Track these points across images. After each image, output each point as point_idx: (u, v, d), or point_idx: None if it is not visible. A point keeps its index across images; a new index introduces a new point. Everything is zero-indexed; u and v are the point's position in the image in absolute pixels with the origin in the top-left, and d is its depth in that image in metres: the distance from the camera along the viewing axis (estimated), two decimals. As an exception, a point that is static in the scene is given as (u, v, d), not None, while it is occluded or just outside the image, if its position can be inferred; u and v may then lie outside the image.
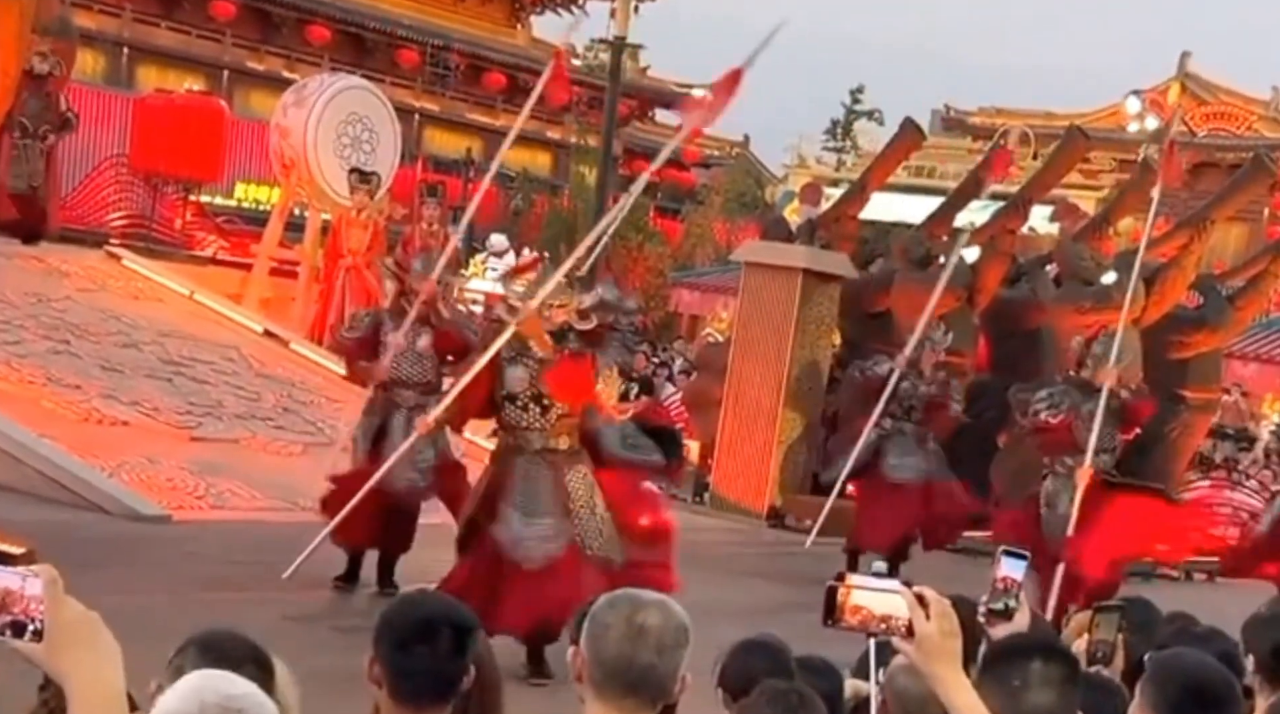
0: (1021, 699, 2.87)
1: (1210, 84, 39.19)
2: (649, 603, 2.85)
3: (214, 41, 37.91)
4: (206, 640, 2.94)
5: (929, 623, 2.59)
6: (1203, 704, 3.13)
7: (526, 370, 8.78)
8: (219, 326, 16.90)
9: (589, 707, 2.84)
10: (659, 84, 44.76)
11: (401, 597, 3.28)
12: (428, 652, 3.09)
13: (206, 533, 11.67)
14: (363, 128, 19.72)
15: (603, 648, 2.78)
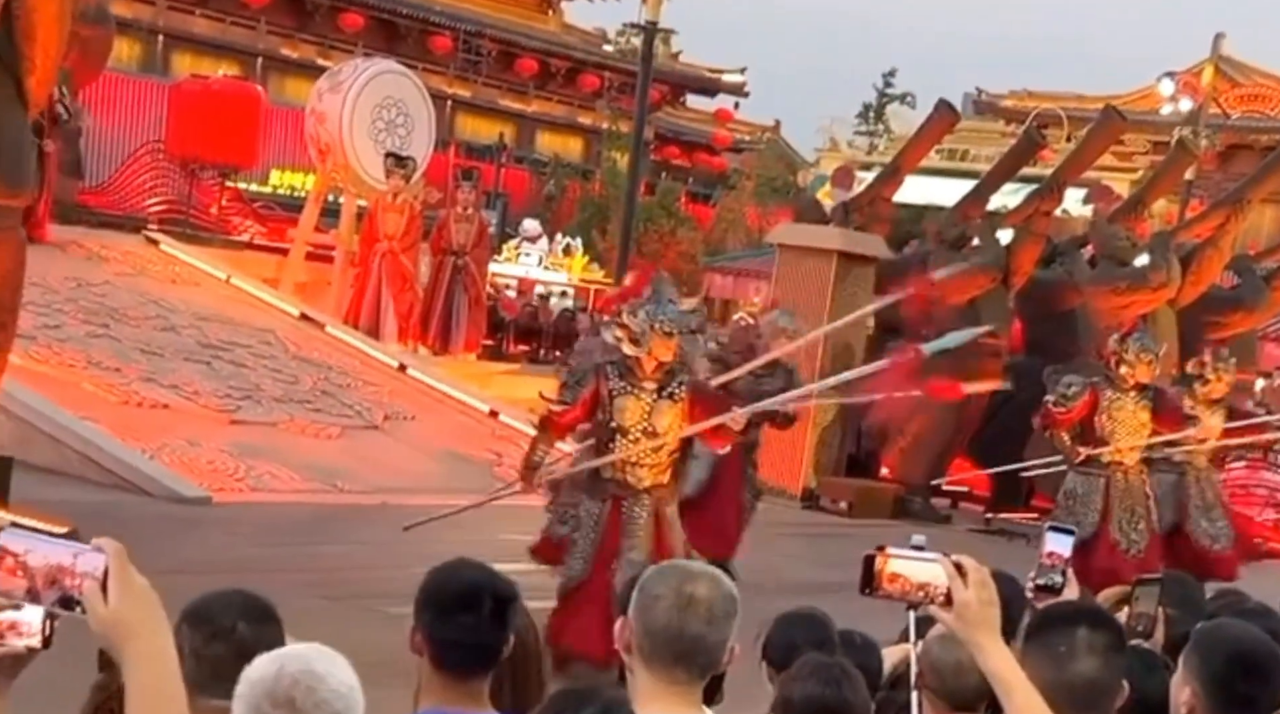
0: (1067, 666, 2.89)
1: (1244, 65, 38.90)
2: (698, 573, 2.86)
3: (248, 29, 38.02)
4: (195, 612, 2.94)
5: (968, 591, 2.60)
6: (1246, 675, 3.10)
7: (639, 402, 8.17)
8: (256, 310, 17.04)
9: (638, 677, 2.86)
10: (691, 69, 44.71)
11: (442, 566, 3.24)
12: (470, 621, 3.10)
13: (246, 514, 11.80)
14: (397, 112, 19.80)
15: (652, 618, 2.79)
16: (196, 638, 2.85)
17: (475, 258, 19.21)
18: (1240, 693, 3.07)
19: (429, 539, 10.98)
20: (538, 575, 9.36)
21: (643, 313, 8.05)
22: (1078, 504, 11.21)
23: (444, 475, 14.21)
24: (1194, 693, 3.10)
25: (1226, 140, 34.30)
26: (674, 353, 8.12)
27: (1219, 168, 31.94)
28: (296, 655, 2.47)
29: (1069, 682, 2.86)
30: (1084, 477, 11.21)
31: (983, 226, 16.39)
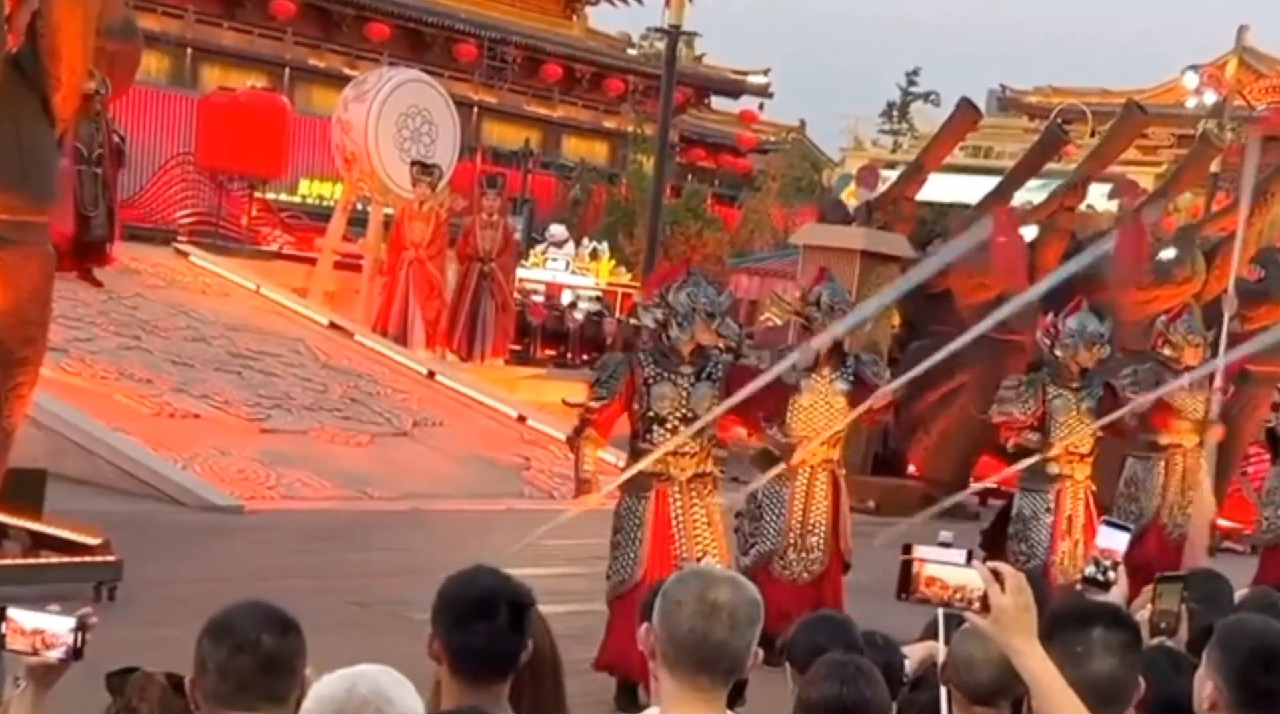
0: (1084, 665, 2.89)
1: (1268, 57, 38.73)
2: (720, 579, 2.87)
3: (275, 40, 38.26)
4: (216, 625, 2.91)
5: (1005, 596, 2.61)
6: (1268, 669, 3.09)
7: (676, 388, 7.99)
8: (285, 320, 17.19)
9: (662, 684, 2.87)
10: (715, 71, 44.76)
11: (459, 573, 3.25)
12: (487, 628, 3.11)
13: (277, 522, 11.92)
14: (422, 120, 19.93)
15: (675, 625, 2.79)
16: (220, 652, 2.85)
17: (501, 264, 19.32)
18: (1262, 687, 3.07)
19: (459, 545, 11.08)
20: (559, 580, 9.46)
21: (685, 295, 7.96)
22: (1139, 490, 11.21)
23: (473, 480, 14.32)
24: (1216, 687, 3.10)
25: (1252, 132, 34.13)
26: (714, 335, 8.03)
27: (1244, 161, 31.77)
28: (367, 676, 2.50)
29: (1086, 681, 2.86)
30: (1143, 462, 11.22)
31: (1007, 224, 16.37)
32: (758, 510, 9.17)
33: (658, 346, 8.04)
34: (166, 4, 35.79)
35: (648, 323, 8.15)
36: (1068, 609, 3.14)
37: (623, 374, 8.03)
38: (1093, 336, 10.02)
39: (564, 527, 8.48)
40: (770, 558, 9.14)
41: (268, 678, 2.76)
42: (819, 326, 9.04)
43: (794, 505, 9.16)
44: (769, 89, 44.92)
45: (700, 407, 7.94)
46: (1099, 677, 2.90)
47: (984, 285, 15.82)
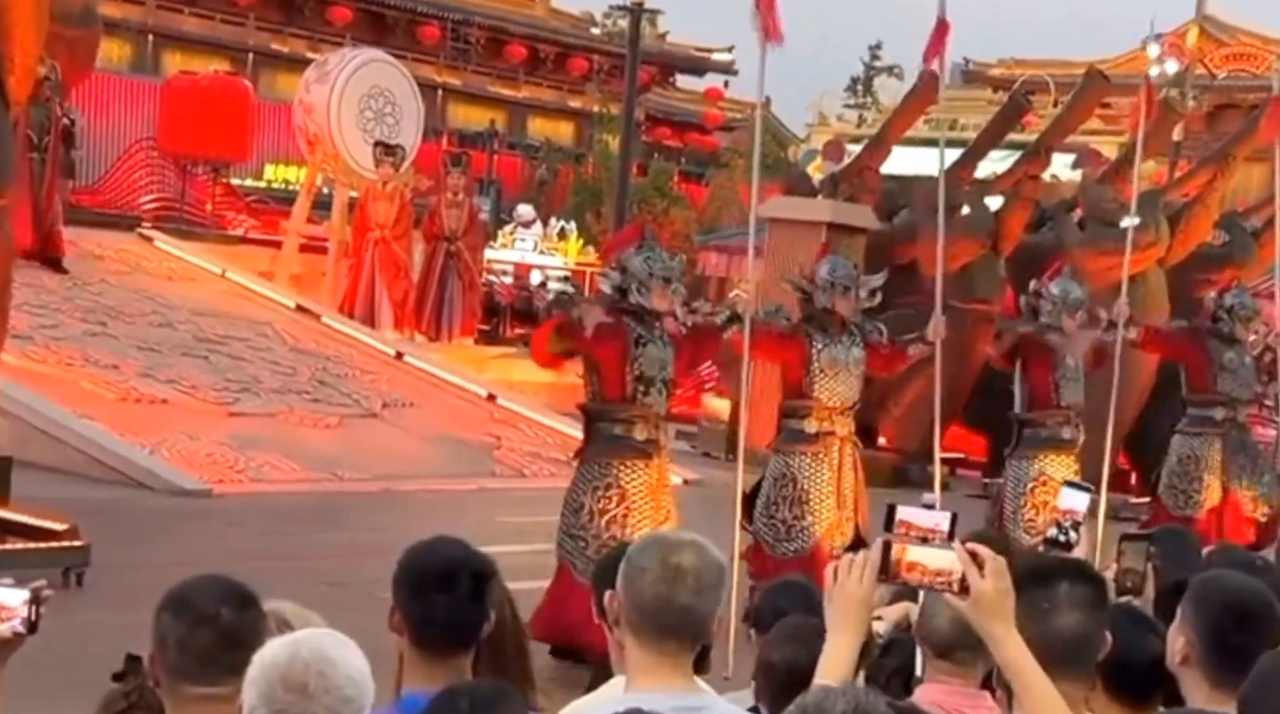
0: (1050, 621, 2.90)
1: (1229, 26, 38.92)
2: (684, 544, 2.86)
3: (237, 25, 38.10)
4: (175, 600, 2.87)
5: (984, 581, 2.61)
6: (1240, 626, 3.12)
7: (659, 350, 8.08)
8: (252, 304, 17.14)
9: (628, 650, 2.87)
10: (679, 49, 44.72)
11: (419, 545, 3.22)
12: (447, 599, 3.07)
13: (246, 505, 11.90)
14: (385, 101, 19.87)
15: (640, 590, 2.79)
16: (180, 627, 2.81)
17: (467, 243, 19.31)
18: (1234, 644, 3.09)
19: (428, 523, 11.08)
20: (529, 556, 9.47)
21: (641, 259, 8.03)
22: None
23: (444, 460, 14.32)
24: (1189, 642, 3.13)
25: (1214, 100, 34.28)
26: (670, 300, 8.06)
27: (1207, 128, 31.93)
28: (311, 641, 2.49)
29: (1052, 636, 2.88)
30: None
31: (971, 194, 16.42)
32: (801, 493, 8.94)
33: (634, 309, 8.04)
34: (127, -10, 35.61)
35: (605, 288, 8.20)
36: (1033, 566, 3.14)
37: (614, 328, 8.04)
38: (1076, 302, 10.10)
39: (537, 504, 8.47)
40: (824, 538, 8.93)
41: (228, 651, 2.72)
42: (819, 302, 9.07)
43: (837, 481, 9.06)
44: (733, 66, 44.86)
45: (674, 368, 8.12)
46: (1065, 632, 2.91)
47: (949, 255, 15.88)
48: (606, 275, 8.35)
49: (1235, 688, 2.92)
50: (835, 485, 9.04)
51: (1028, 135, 20.85)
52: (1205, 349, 11.05)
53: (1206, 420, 11.09)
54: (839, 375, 9.06)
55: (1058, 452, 9.98)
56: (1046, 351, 10.09)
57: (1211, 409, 11.05)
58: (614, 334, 8.05)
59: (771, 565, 8.57)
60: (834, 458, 9.06)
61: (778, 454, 9.12)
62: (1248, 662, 2.94)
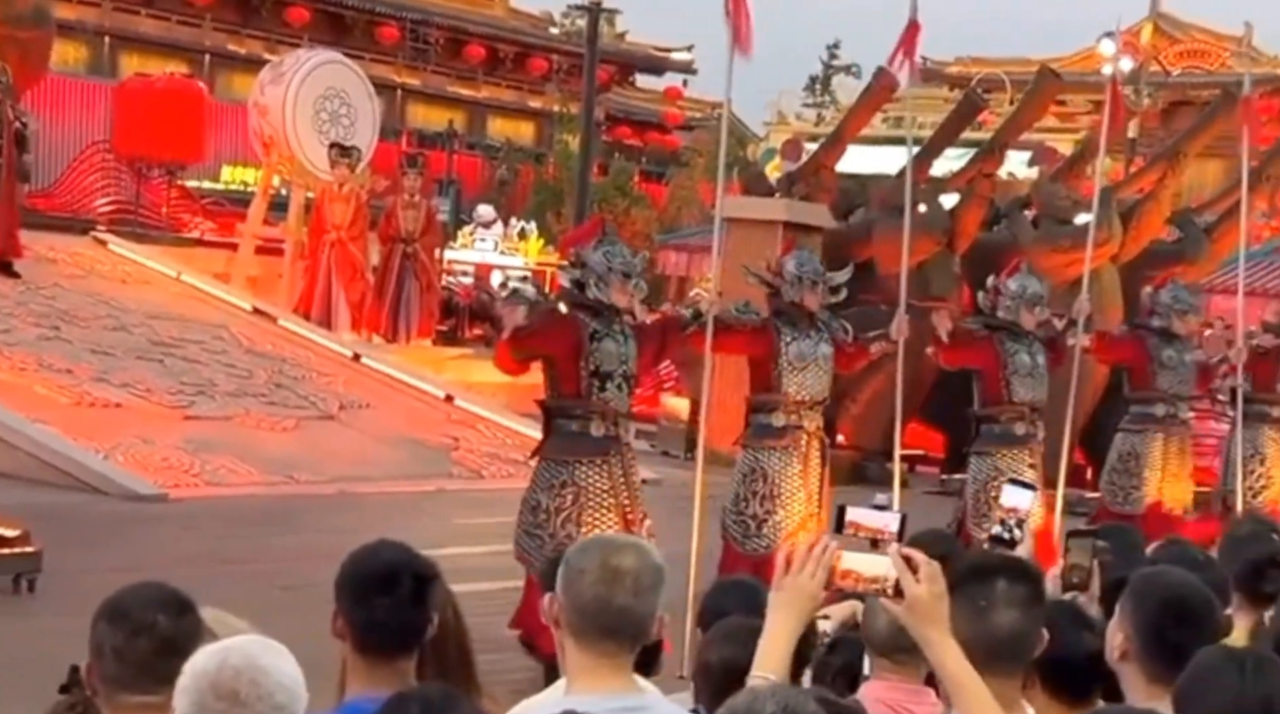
0: (987, 618, 2.92)
1: (1182, 23, 39.24)
2: (624, 545, 2.88)
3: (194, 27, 37.89)
4: (112, 608, 2.87)
5: (918, 586, 2.63)
6: (1178, 622, 3.17)
7: (617, 345, 8.02)
8: (207, 306, 17.07)
9: (567, 652, 2.88)
10: (638, 48, 44.73)
11: (360, 549, 3.20)
12: (389, 602, 3.07)
13: (202, 509, 11.84)
14: (340, 102, 19.82)
15: (579, 592, 2.80)
16: (117, 636, 2.81)
17: (424, 244, 19.30)
18: (1171, 639, 3.13)
19: (385, 526, 11.06)
20: (487, 557, 9.46)
21: (600, 254, 7.97)
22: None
23: (401, 462, 14.29)
24: (1127, 637, 3.18)
25: (1168, 97, 34.53)
26: (629, 295, 8.01)
27: (1162, 125, 32.17)
28: (240, 648, 2.49)
29: (989, 633, 2.90)
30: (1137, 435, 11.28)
31: (927, 192, 16.48)
32: (772, 488, 8.94)
33: (592, 304, 7.98)
34: (82, -9, 35.38)
35: (564, 283, 8.13)
36: (971, 563, 3.17)
37: (563, 321, 8.02)
38: (1034, 297, 10.14)
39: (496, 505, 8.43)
40: (795, 535, 8.85)
41: (166, 659, 2.70)
42: (787, 296, 9.09)
43: (805, 476, 9.06)
44: (693, 65, 44.91)
45: (635, 363, 8.06)
46: (1002, 629, 2.93)
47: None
48: (565, 270, 8.28)
49: (1172, 683, 2.93)
50: (804, 480, 9.04)
51: (984, 133, 20.93)
52: (1146, 347, 11.12)
53: (1147, 417, 11.14)
54: (807, 369, 9.08)
55: (1012, 447, 10.00)
56: (984, 347, 10.10)
57: (1152, 406, 11.12)
58: (564, 328, 8.00)
59: (740, 562, 8.55)
60: (803, 452, 9.06)
61: (746, 449, 9.10)
62: (1185, 657, 2.95)
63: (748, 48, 8.46)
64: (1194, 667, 2.87)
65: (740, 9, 8.37)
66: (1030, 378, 10.06)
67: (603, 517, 7.91)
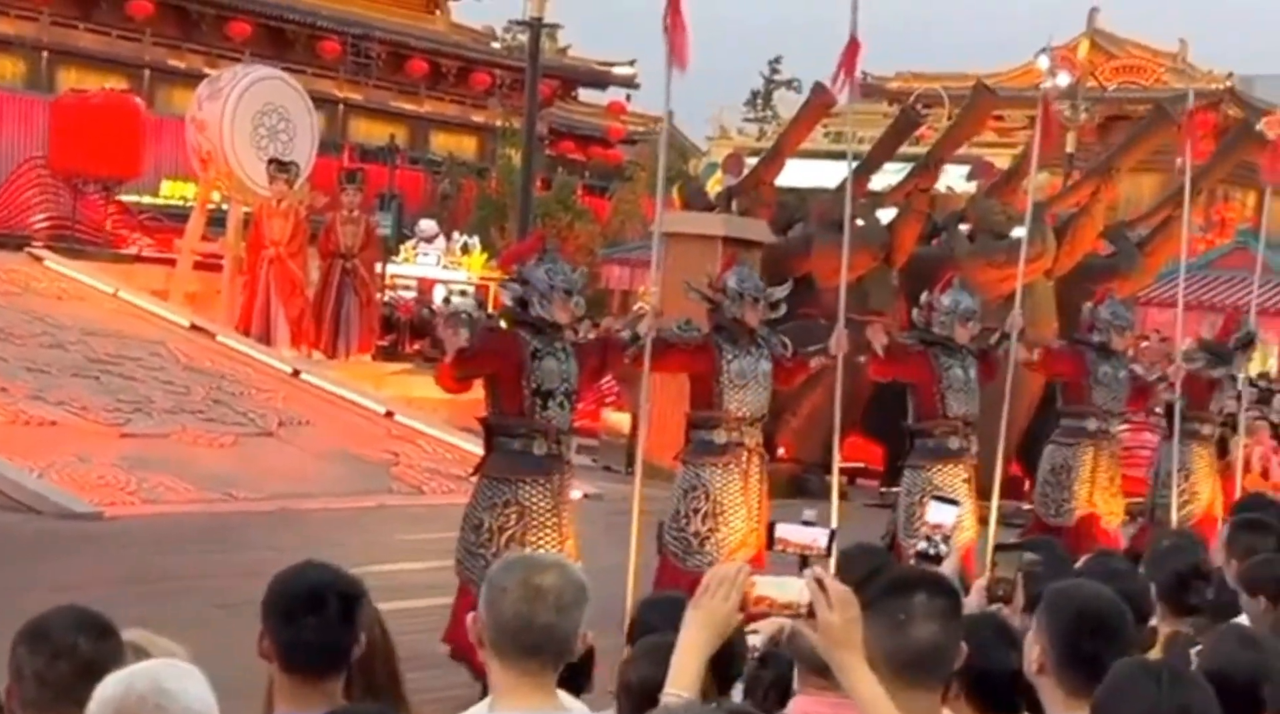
0: (906, 632, 2.95)
1: (1118, 39, 39.73)
2: (546, 564, 2.91)
3: (134, 41, 37.63)
4: (32, 633, 2.87)
5: (831, 611, 2.66)
6: (1092, 633, 3.22)
7: (559, 363, 8.00)
8: (145, 323, 16.95)
9: (491, 671, 2.88)
10: (581, 63, 44.79)
11: (287, 569, 3.21)
12: (315, 622, 3.07)
13: (139, 527, 11.74)
14: (279, 118, 19.75)
15: (501, 610, 2.81)
16: (37, 660, 2.80)
17: (364, 260, 19.26)
18: (1086, 651, 3.18)
19: (325, 542, 11.03)
20: (428, 573, 9.45)
21: (543, 271, 7.95)
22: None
23: (341, 478, 14.23)
24: (1043, 650, 3.23)
25: (1105, 112, 34.93)
26: (571, 312, 8.01)
27: (1099, 139, 32.53)
28: (147, 672, 2.47)
29: (908, 647, 2.93)
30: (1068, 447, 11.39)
31: (864, 206, 16.59)
32: (714, 505, 8.94)
33: (533, 322, 7.95)
34: (20, 6, 35.10)
35: (507, 300, 8.10)
36: (890, 577, 3.19)
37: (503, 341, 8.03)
38: (967, 312, 10.22)
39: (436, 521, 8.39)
40: (736, 551, 8.90)
41: (87, 683, 2.66)
42: (728, 312, 9.11)
43: (745, 492, 9.06)
44: (636, 80, 45.00)
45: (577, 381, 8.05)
46: (920, 643, 2.96)
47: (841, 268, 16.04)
48: (507, 287, 8.26)
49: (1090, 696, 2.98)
50: (744, 497, 9.05)
51: (924, 148, 21.10)
52: (1085, 362, 11.25)
53: (1079, 431, 11.26)
54: (748, 386, 9.09)
55: (945, 462, 10.07)
56: (919, 361, 10.19)
57: (1084, 420, 11.24)
58: (505, 347, 7.98)
59: (680, 579, 8.53)
60: (744, 469, 9.07)
61: (687, 466, 9.09)
62: (1101, 669, 3.00)
63: (684, 62, 8.49)
64: (1111, 679, 2.91)
65: (678, 24, 8.40)
66: (964, 393, 10.15)
67: (546, 536, 7.89)
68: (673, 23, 8.37)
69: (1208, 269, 26.13)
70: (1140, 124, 17.84)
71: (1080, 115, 25.65)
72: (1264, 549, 5.16)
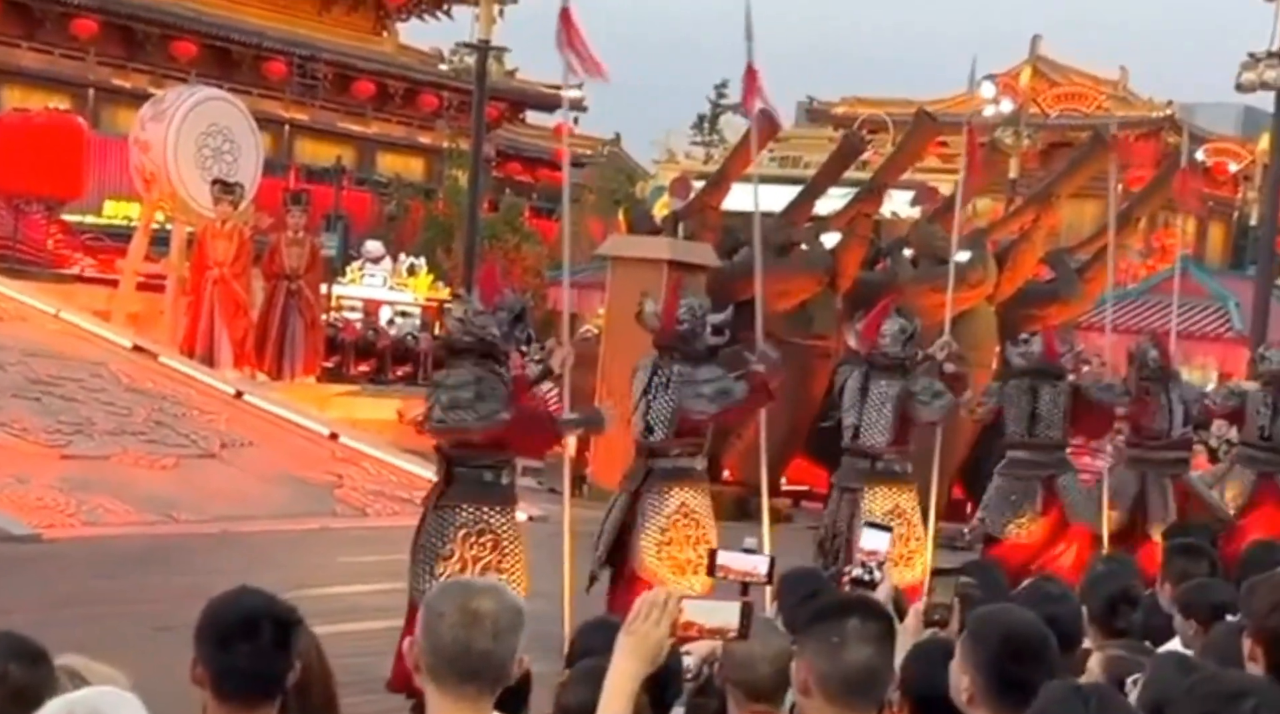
0: (840, 655, 3.00)
1: (1060, 66, 40.20)
2: (482, 589, 2.90)
3: (78, 60, 37.36)
4: None
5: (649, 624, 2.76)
6: (1017, 658, 3.26)
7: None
8: (86, 344, 16.81)
9: (428, 697, 2.88)
10: (528, 86, 44.80)
11: (221, 595, 3.18)
12: (249, 649, 3.04)
13: (78, 549, 11.65)
14: (223, 139, 19.68)
15: (438, 636, 2.81)
16: None
17: (309, 281, 19.21)
18: (1013, 676, 3.22)
19: (268, 564, 10.98)
20: (372, 596, 9.43)
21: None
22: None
23: (284, 500, 14.17)
24: (971, 679, 3.26)
25: (1047, 139, 35.33)
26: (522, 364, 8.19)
27: (1041, 166, 32.89)
28: (85, 701, 2.46)
29: (843, 670, 2.98)
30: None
31: (808, 231, 16.73)
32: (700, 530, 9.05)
33: (499, 356, 8.02)
34: (-39, 24, 34.82)
35: (493, 331, 8.06)
36: (825, 602, 3.27)
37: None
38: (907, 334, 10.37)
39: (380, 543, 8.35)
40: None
41: (19, 710, 2.68)
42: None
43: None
44: (583, 103, 45.05)
45: None
46: (854, 666, 3.01)
47: (787, 292, 16.15)
48: (496, 318, 8.14)
49: (1022, 721, 3.02)
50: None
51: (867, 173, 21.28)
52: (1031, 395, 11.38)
53: (1021, 462, 11.38)
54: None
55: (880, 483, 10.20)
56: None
57: (1027, 451, 11.38)
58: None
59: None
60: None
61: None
62: (1030, 694, 3.04)
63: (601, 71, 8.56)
64: (1040, 702, 2.95)
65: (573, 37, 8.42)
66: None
67: (518, 565, 7.93)
68: (567, 37, 8.40)
69: (1148, 294, 26.38)
70: (1078, 151, 18.08)
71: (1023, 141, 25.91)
72: (1198, 573, 5.24)
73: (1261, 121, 29.87)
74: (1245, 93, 22.02)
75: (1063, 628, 4.12)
